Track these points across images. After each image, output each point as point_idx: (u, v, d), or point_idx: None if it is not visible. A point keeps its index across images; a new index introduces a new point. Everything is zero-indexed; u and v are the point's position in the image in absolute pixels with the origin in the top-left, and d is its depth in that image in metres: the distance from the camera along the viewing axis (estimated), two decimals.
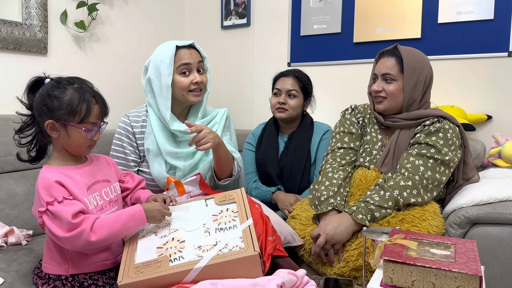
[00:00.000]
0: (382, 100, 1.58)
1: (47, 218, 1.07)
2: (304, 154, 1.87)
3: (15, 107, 1.97)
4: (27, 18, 1.99)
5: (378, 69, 1.59)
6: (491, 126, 2.08)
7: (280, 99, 1.90)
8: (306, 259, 1.46)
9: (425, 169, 1.44)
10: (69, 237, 1.05)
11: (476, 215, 1.33)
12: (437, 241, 0.96)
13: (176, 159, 1.60)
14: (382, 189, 1.42)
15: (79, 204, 1.09)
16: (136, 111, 1.70)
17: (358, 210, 1.38)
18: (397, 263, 0.85)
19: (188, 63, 1.57)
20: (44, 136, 1.18)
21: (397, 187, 1.41)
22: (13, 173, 1.68)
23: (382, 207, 1.38)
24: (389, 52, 1.59)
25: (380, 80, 1.57)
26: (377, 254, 0.89)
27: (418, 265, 0.83)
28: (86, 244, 1.07)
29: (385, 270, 0.86)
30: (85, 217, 1.07)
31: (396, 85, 1.54)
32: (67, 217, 1.04)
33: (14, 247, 1.44)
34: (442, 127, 1.48)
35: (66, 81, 1.15)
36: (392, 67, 1.55)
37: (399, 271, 0.85)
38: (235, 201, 1.28)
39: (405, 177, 1.43)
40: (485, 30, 2.07)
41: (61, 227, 1.06)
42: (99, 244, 1.09)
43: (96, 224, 1.08)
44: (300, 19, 2.55)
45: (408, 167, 1.45)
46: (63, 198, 1.07)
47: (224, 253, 1.07)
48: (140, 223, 1.14)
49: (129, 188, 1.36)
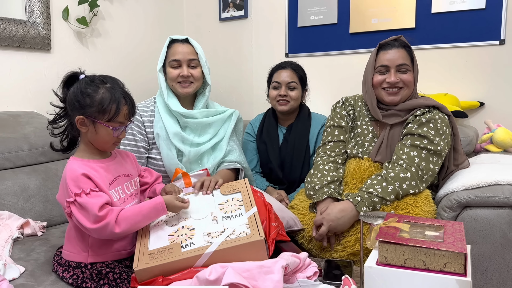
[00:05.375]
0: (398, 90, 1.59)
1: (75, 209, 1.14)
2: (303, 146, 1.94)
3: (23, 103, 2.05)
4: (30, 15, 2.04)
5: (390, 61, 1.58)
6: (483, 113, 2.15)
7: (280, 92, 1.96)
8: (305, 246, 1.53)
9: (419, 160, 1.49)
10: (95, 229, 1.13)
11: (466, 198, 1.40)
12: (428, 223, 1.04)
13: (182, 143, 1.70)
14: (385, 181, 1.46)
15: (104, 196, 1.17)
16: (144, 102, 1.81)
17: (362, 201, 1.42)
18: (391, 244, 0.93)
19: (177, 60, 1.71)
20: (74, 129, 1.25)
21: (398, 179, 1.45)
22: (24, 168, 1.74)
23: (384, 199, 1.44)
24: (396, 43, 1.60)
25: (395, 71, 1.58)
26: (373, 236, 0.97)
27: (409, 245, 0.92)
28: (111, 235, 1.15)
29: (380, 250, 0.94)
30: (109, 209, 1.15)
31: (411, 74, 1.59)
32: (94, 209, 1.11)
33: (30, 238, 1.52)
34: (432, 118, 1.53)
35: (99, 80, 1.22)
36: (405, 57, 1.58)
37: (393, 250, 0.93)
38: (240, 191, 1.36)
39: (403, 168, 1.48)
40: (477, 19, 2.12)
41: (88, 218, 1.13)
42: (123, 234, 1.17)
43: (120, 216, 1.15)
44: (297, 10, 2.60)
45: (404, 158, 1.50)
46: (90, 190, 1.15)
47: (232, 239, 1.15)
48: (161, 213, 1.22)
49: (148, 182, 1.44)
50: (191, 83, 1.73)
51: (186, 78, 1.71)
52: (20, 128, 1.81)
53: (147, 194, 1.44)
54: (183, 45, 1.73)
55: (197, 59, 1.73)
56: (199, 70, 1.74)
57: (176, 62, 1.71)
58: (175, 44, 1.74)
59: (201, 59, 1.74)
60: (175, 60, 1.71)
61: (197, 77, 1.73)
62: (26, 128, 1.82)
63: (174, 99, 1.74)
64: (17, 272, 1.22)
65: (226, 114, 1.83)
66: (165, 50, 1.75)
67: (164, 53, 1.75)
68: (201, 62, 1.74)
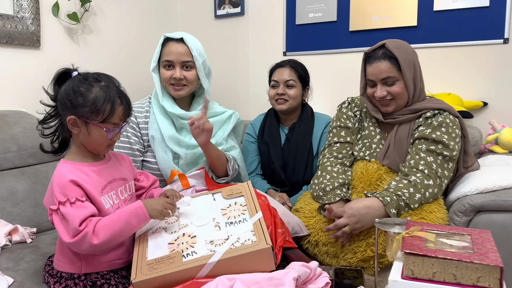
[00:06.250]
0: (389, 102, 1.53)
1: (57, 218, 1.06)
2: (306, 147, 1.87)
3: (10, 102, 1.96)
4: (18, 10, 1.94)
5: (374, 75, 1.51)
6: (487, 113, 2.11)
7: (278, 91, 1.89)
8: (311, 251, 1.47)
9: (436, 167, 1.43)
10: (73, 243, 1.04)
11: (480, 202, 1.35)
12: (453, 232, 0.98)
13: (178, 146, 1.61)
14: (413, 187, 1.38)
15: (90, 207, 1.08)
16: (139, 103, 1.71)
17: (391, 203, 1.34)
18: (418, 256, 0.86)
19: (170, 60, 1.61)
20: (65, 130, 1.16)
21: (423, 185, 1.38)
22: (12, 170, 1.65)
23: (409, 206, 1.36)
24: (378, 54, 1.50)
25: (381, 85, 1.51)
26: (395, 246, 0.91)
27: (439, 257, 0.85)
28: (91, 248, 1.05)
29: (406, 262, 0.87)
30: (88, 220, 1.05)
31: (400, 84, 1.50)
32: (75, 222, 1.03)
33: (19, 245, 1.43)
34: (444, 121, 1.47)
35: (93, 78, 1.13)
36: (389, 70, 1.48)
37: (420, 263, 0.86)
38: (243, 194, 1.28)
39: (426, 174, 1.40)
40: (481, 17, 2.08)
41: (67, 230, 1.05)
42: (103, 246, 1.06)
43: (98, 225, 1.06)
44: (295, 7, 2.53)
45: (422, 163, 1.43)
46: (76, 199, 1.06)
47: (236, 247, 1.08)
48: (143, 219, 1.11)
49: (144, 187, 1.36)
50: (184, 86, 1.62)
51: (178, 81, 1.60)
52: (8, 129, 1.71)
53: (143, 199, 1.36)
54: (177, 44, 1.61)
55: (192, 61, 1.61)
56: (193, 73, 1.62)
57: (168, 62, 1.61)
58: (169, 43, 1.62)
59: (197, 61, 1.61)
60: (168, 61, 1.61)
61: (191, 80, 1.62)
62: (14, 128, 1.73)
63: (169, 100, 1.65)
64: (5, 283, 1.14)
65: (225, 116, 1.74)
66: (159, 48, 1.64)
67: (158, 52, 1.65)
68: (196, 64, 1.61)
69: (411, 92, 1.52)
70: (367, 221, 1.33)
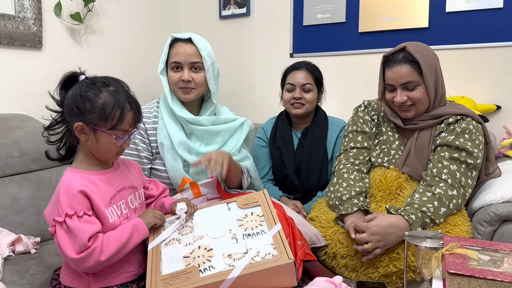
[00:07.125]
0: (409, 107, 1.47)
1: (61, 231, 1.00)
2: (321, 151, 1.82)
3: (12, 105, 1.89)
4: (20, 10, 1.88)
5: (394, 79, 1.45)
6: (500, 117, 2.07)
7: (295, 94, 1.83)
8: (328, 263, 1.40)
9: (460, 175, 1.37)
10: (78, 258, 0.98)
11: (507, 212, 1.30)
12: (494, 248, 0.92)
13: (188, 153, 1.54)
14: (438, 201, 1.33)
15: (97, 223, 1.03)
16: (147, 107, 1.62)
17: (417, 221, 1.28)
18: (465, 277, 0.80)
19: (178, 62, 1.54)
20: (72, 137, 1.10)
21: (447, 197, 1.33)
22: (15, 177, 1.59)
23: (434, 222, 1.31)
24: (398, 58, 1.44)
25: (401, 90, 1.45)
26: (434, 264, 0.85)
27: (488, 278, 0.79)
28: (95, 264, 1.00)
29: (450, 283, 0.81)
30: (95, 236, 1.01)
31: (421, 89, 1.44)
32: (84, 237, 0.98)
33: (23, 256, 1.37)
34: (467, 128, 1.41)
35: (101, 82, 1.07)
36: (410, 74, 1.42)
37: (466, 284, 0.80)
38: (259, 204, 1.22)
39: (449, 184, 1.35)
40: (494, 19, 2.04)
41: (73, 245, 0.99)
42: (107, 263, 1.02)
43: (105, 241, 1.02)
44: (302, 8, 2.48)
45: (446, 172, 1.37)
46: (84, 213, 1.00)
47: (257, 262, 1.02)
48: (143, 234, 1.10)
49: (154, 195, 1.29)
50: (192, 89, 1.55)
51: (186, 84, 1.53)
52: (10, 133, 1.65)
53: (152, 208, 1.29)
54: (185, 45, 1.53)
55: (201, 62, 1.54)
56: (201, 75, 1.55)
57: (176, 64, 1.53)
58: (177, 44, 1.55)
59: (205, 62, 1.54)
60: (176, 62, 1.53)
61: (199, 83, 1.55)
62: (16, 132, 1.66)
63: (179, 103, 1.58)
64: None
65: (237, 123, 1.66)
66: (167, 50, 1.57)
67: (165, 53, 1.57)
68: (205, 66, 1.54)
69: (432, 97, 1.45)
70: (391, 240, 1.28)
